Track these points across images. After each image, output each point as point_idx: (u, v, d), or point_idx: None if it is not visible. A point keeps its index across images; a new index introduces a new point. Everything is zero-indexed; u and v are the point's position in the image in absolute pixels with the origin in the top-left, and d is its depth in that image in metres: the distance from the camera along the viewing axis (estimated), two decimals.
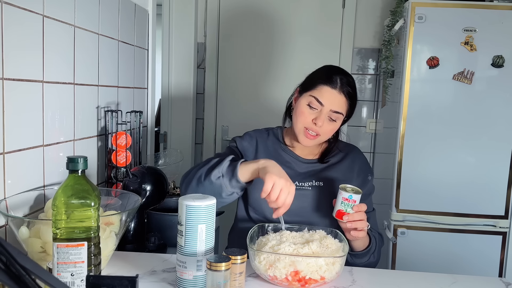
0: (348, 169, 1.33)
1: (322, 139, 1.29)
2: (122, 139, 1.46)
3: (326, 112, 1.24)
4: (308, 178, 1.31)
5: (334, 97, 1.23)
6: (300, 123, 1.26)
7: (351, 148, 1.40)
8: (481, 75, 2.09)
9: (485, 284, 1.10)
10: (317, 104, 1.24)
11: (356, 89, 1.28)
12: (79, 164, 0.84)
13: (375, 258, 1.27)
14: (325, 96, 1.24)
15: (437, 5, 2.07)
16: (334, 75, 1.25)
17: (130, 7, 1.65)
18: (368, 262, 1.26)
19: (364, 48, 2.69)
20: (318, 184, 1.30)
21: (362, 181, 1.33)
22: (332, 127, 1.27)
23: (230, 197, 1.17)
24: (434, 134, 2.13)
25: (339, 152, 1.37)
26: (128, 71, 1.67)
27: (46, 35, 1.12)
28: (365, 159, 1.39)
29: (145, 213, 1.41)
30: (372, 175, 1.38)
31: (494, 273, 2.15)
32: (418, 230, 2.17)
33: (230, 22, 2.74)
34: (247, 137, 1.38)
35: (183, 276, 0.95)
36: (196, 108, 2.79)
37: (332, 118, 1.25)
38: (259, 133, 1.41)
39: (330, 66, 1.32)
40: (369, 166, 1.39)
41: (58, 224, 0.82)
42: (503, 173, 2.12)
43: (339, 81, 1.24)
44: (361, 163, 1.36)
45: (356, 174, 1.33)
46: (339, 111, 1.24)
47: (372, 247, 1.24)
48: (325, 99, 1.23)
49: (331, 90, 1.24)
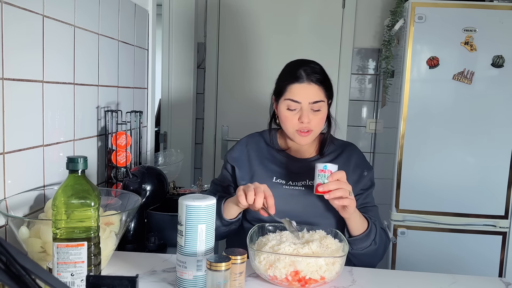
0: (343, 165, 1.31)
1: (316, 133, 1.30)
2: (122, 139, 1.46)
3: (306, 107, 1.25)
4: (302, 178, 1.31)
5: (306, 90, 1.24)
6: (290, 127, 1.28)
7: (347, 145, 1.39)
8: (481, 75, 2.09)
9: (485, 284, 1.10)
10: (294, 104, 1.25)
11: (324, 71, 1.29)
12: (79, 164, 0.84)
13: (376, 245, 1.22)
14: (297, 94, 1.25)
15: (437, 5, 2.07)
16: (297, 69, 1.26)
17: (130, 7, 1.65)
18: (368, 249, 1.20)
19: (364, 48, 2.69)
20: (311, 184, 1.30)
21: (358, 176, 1.32)
22: (320, 117, 1.27)
23: (231, 229, 1.24)
24: (434, 134, 2.13)
25: (335, 150, 1.37)
26: (128, 71, 1.67)
27: (46, 35, 1.12)
28: (361, 155, 1.38)
29: (145, 213, 1.41)
30: (369, 171, 1.35)
31: (494, 273, 2.15)
32: (418, 230, 2.17)
33: (230, 22, 2.74)
34: (238, 146, 1.40)
35: (183, 276, 0.95)
36: (196, 108, 2.79)
37: (315, 109, 1.26)
38: (251, 138, 1.41)
39: (290, 62, 1.33)
40: (365, 161, 1.38)
41: (58, 224, 0.82)
42: (503, 173, 2.12)
43: (304, 73, 1.25)
44: (357, 159, 1.35)
45: (351, 170, 1.32)
46: (317, 100, 1.25)
47: (371, 231, 1.20)
48: (299, 97, 1.24)
49: (300, 85, 1.24)
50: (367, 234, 1.20)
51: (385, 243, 1.27)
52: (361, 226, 1.20)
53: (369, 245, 1.20)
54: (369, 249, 1.21)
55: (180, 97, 2.71)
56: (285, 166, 1.34)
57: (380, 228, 1.28)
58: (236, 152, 1.38)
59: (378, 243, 1.22)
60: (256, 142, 1.39)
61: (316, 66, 1.28)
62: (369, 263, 1.25)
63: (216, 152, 2.84)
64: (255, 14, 2.70)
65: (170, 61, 2.69)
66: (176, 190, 1.81)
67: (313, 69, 1.26)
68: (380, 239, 1.24)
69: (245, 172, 1.33)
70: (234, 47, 2.75)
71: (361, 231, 1.20)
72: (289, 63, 1.33)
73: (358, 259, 1.24)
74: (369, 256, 1.23)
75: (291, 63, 1.32)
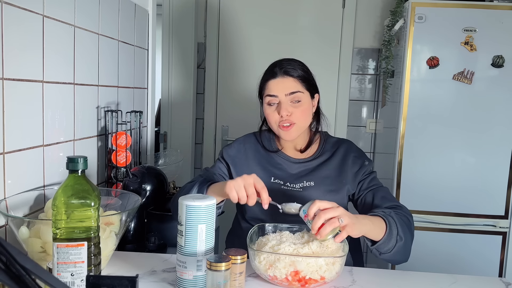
0: (340, 163, 1.32)
1: (301, 126, 1.29)
2: (122, 139, 1.46)
3: (284, 100, 1.26)
4: (299, 179, 1.30)
5: (281, 83, 1.27)
6: (273, 124, 1.30)
7: (342, 142, 1.38)
8: (481, 75, 2.09)
9: (485, 284, 1.10)
10: (272, 98, 1.27)
11: (302, 64, 1.30)
12: (79, 164, 0.84)
13: (403, 240, 1.10)
14: (272, 88, 1.27)
15: (437, 5, 2.07)
16: (273, 67, 1.30)
17: (130, 7, 1.65)
18: (396, 247, 1.10)
19: (364, 48, 2.69)
20: (309, 185, 1.29)
21: (360, 166, 1.31)
22: (301, 109, 1.27)
23: None
24: (434, 134, 2.13)
25: (330, 148, 1.36)
26: (128, 71, 1.67)
27: (46, 35, 1.12)
28: (358, 149, 1.36)
29: (145, 213, 1.41)
30: (370, 162, 1.33)
31: (494, 273, 2.15)
32: (418, 230, 2.16)
33: (230, 22, 2.74)
34: (235, 145, 1.39)
35: (183, 276, 0.95)
36: (196, 108, 2.79)
37: (294, 101, 1.26)
38: (248, 138, 1.42)
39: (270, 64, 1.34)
40: (363, 154, 1.36)
41: (58, 224, 0.82)
42: (503, 173, 2.12)
43: (278, 68, 1.28)
44: (355, 153, 1.34)
45: (350, 165, 1.31)
46: (293, 91, 1.26)
47: (392, 229, 1.09)
48: (275, 90, 1.27)
49: (274, 80, 1.27)
50: (389, 234, 1.09)
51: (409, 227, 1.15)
52: (380, 229, 1.09)
53: (396, 243, 1.10)
54: (397, 247, 1.10)
55: (180, 97, 2.71)
56: (283, 167, 1.33)
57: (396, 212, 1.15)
58: (234, 150, 1.38)
59: (403, 236, 1.11)
60: (253, 142, 1.40)
61: (292, 62, 1.30)
62: (403, 256, 1.15)
63: (216, 152, 2.84)
64: (255, 14, 2.70)
65: (170, 61, 2.69)
66: (176, 190, 1.81)
67: (288, 63, 1.29)
68: (404, 230, 1.11)
69: (243, 171, 1.31)
70: (234, 47, 2.75)
71: (381, 235, 1.09)
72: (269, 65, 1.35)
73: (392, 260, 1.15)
74: (400, 253, 1.12)
75: (270, 64, 1.34)
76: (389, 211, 1.15)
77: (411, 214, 1.20)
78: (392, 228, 1.10)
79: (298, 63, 1.31)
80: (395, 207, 1.19)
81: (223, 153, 1.39)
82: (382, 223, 1.10)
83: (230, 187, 1.07)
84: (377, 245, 1.10)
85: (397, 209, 1.18)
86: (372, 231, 1.08)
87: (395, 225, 1.11)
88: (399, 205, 1.21)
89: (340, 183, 1.29)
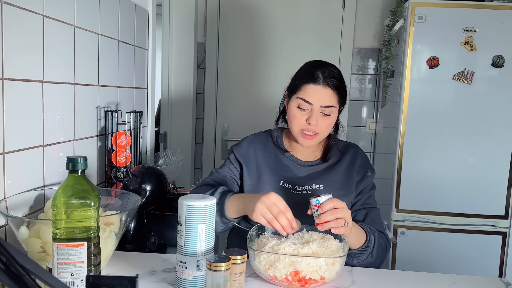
0: (347, 168, 1.32)
1: (321, 137, 1.28)
2: (122, 139, 1.46)
3: (317, 110, 1.23)
4: (308, 182, 1.30)
5: (320, 93, 1.22)
6: (296, 126, 1.26)
7: (351, 147, 1.39)
8: (481, 75, 2.09)
9: (485, 284, 1.10)
10: (306, 104, 1.23)
11: (341, 77, 1.26)
12: (79, 164, 0.84)
13: (373, 259, 1.21)
14: (311, 94, 1.22)
15: (437, 5, 2.07)
16: (315, 70, 1.23)
17: (130, 7, 1.65)
18: (364, 262, 1.21)
19: (364, 48, 2.69)
20: (318, 188, 1.29)
21: (362, 177, 1.32)
22: (328, 122, 1.26)
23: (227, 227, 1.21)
24: (434, 134, 2.13)
25: (338, 152, 1.36)
26: (128, 71, 1.67)
27: (46, 35, 1.12)
28: (365, 156, 1.38)
29: (145, 213, 1.41)
30: (373, 172, 1.35)
31: (494, 273, 2.15)
32: (418, 230, 2.17)
33: (230, 22, 2.74)
34: (244, 144, 1.36)
35: (183, 276, 0.95)
36: (196, 108, 2.79)
37: (325, 113, 1.24)
38: (258, 137, 1.38)
39: (310, 62, 1.30)
40: (369, 163, 1.38)
41: (58, 224, 0.82)
42: (503, 173, 2.12)
43: (321, 75, 1.22)
44: (361, 160, 1.35)
45: (356, 172, 1.32)
46: (329, 105, 1.23)
47: (369, 246, 1.19)
48: (312, 98, 1.22)
49: (315, 87, 1.22)
50: (364, 249, 1.19)
51: (382, 252, 1.25)
52: (358, 241, 1.18)
53: (365, 258, 1.20)
54: (365, 262, 1.21)
55: (180, 97, 2.71)
56: (291, 169, 1.32)
57: (380, 234, 1.26)
58: (243, 149, 1.35)
59: (375, 256, 1.21)
60: (263, 142, 1.37)
61: (335, 71, 1.25)
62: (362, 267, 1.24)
63: (216, 152, 2.84)
64: (255, 14, 2.70)
65: (170, 61, 2.69)
66: (176, 190, 1.81)
67: (331, 73, 1.23)
68: (378, 251, 1.22)
69: (252, 171, 1.31)
70: (234, 47, 2.75)
71: (357, 246, 1.18)
72: (308, 62, 1.31)
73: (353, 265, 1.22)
74: (363, 266, 1.21)
75: (310, 63, 1.29)
76: (374, 230, 1.25)
77: (391, 245, 1.30)
78: (369, 245, 1.20)
79: (337, 72, 1.26)
80: (380, 232, 1.28)
81: (234, 154, 1.34)
82: (363, 237, 1.20)
83: (257, 216, 1.05)
84: (350, 252, 1.18)
85: (381, 234, 1.27)
86: (354, 238, 1.16)
87: (373, 243, 1.21)
88: (384, 232, 1.30)
89: (347, 189, 1.30)
